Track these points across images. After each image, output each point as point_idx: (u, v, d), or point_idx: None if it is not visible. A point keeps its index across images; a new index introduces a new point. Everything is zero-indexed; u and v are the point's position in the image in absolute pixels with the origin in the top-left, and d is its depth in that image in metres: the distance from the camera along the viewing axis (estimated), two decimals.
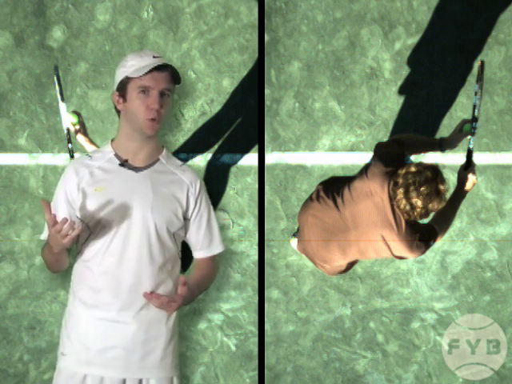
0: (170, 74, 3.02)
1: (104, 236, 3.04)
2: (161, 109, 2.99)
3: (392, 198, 3.58)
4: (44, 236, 3.10)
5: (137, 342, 3.06)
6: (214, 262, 3.25)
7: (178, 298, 3.03)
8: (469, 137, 3.80)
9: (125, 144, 3.08)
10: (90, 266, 3.06)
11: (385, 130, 4.60)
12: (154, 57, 3.02)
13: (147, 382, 3.08)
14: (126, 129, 3.07)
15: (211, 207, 3.24)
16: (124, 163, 3.07)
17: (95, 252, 3.05)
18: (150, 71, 2.98)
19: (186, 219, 3.15)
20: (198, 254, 3.23)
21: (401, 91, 4.59)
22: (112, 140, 3.14)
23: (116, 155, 3.09)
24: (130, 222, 3.04)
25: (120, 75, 3.05)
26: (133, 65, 3.02)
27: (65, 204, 3.05)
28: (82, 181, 3.05)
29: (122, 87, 3.03)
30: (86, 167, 3.07)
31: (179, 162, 3.18)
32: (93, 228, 3.03)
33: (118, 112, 3.09)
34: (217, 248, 3.24)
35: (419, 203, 3.50)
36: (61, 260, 3.05)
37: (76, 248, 3.13)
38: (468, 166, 3.78)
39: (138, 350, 3.06)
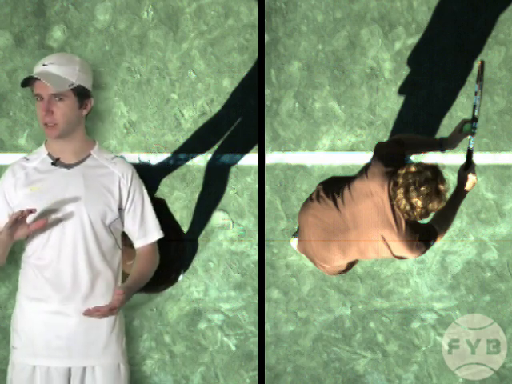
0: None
1: (42, 233, 3.19)
2: (52, 114, 3.15)
3: (392, 198, 3.58)
4: None
5: (79, 332, 3.21)
6: (153, 249, 3.36)
7: (117, 304, 3.13)
8: (469, 137, 3.80)
9: (53, 144, 3.24)
10: (32, 261, 3.25)
11: (385, 130, 4.60)
12: (43, 65, 3.17)
13: (92, 369, 3.24)
14: None
15: (146, 196, 3.35)
16: (56, 162, 3.23)
17: (35, 248, 3.23)
18: (35, 80, 3.13)
19: (120, 210, 3.28)
20: (137, 243, 3.34)
21: (401, 91, 4.59)
22: (46, 141, 3.30)
23: (49, 155, 3.25)
24: (64, 218, 3.19)
25: None
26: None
27: (3, 204, 3.23)
28: (18, 181, 3.22)
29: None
30: (22, 169, 3.24)
31: (111, 156, 3.31)
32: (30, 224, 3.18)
33: None
34: (153, 235, 3.35)
35: (419, 203, 3.50)
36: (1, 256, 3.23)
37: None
38: (468, 166, 3.77)
39: (81, 340, 3.21)
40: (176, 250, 4.40)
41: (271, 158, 4.60)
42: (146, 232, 3.32)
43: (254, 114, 4.58)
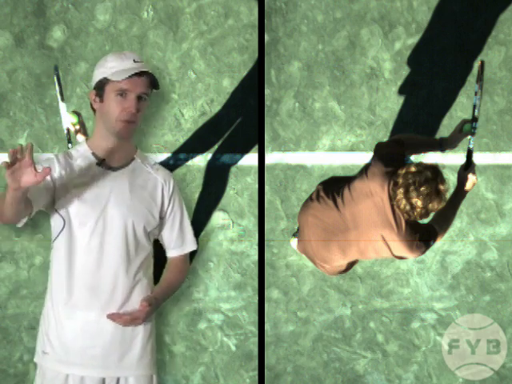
0: (148, 79, 3.03)
1: (81, 234, 3.05)
2: (137, 112, 3.01)
3: (392, 198, 3.58)
4: None
5: (115, 342, 3.09)
6: (186, 260, 3.28)
7: (141, 315, 3.08)
8: (469, 137, 3.80)
9: (101, 144, 3.10)
10: (68, 265, 3.06)
11: (385, 130, 4.60)
12: (134, 61, 3.03)
13: (126, 380, 3.12)
14: (102, 129, 3.08)
15: (183, 205, 3.26)
16: (101, 162, 3.09)
17: (73, 251, 3.06)
18: (131, 76, 2.98)
19: (160, 218, 3.18)
20: (172, 252, 3.25)
21: (401, 91, 4.59)
22: (87, 139, 3.17)
23: (93, 154, 3.10)
24: (107, 221, 3.06)
25: (99, 75, 3.05)
26: (113, 67, 3.02)
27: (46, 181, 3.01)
28: (63, 173, 3.05)
29: (100, 87, 3.04)
30: (67, 164, 3.08)
31: (152, 161, 3.21)
32: (67, 223, 3.04)
33: (94, 110, 3.10)
34: (190, 246, 3.26)
35: (419, 203, 3.50)
36: (17, 207, 2.89)
37: (51, 244, 3.13)
38: (468, 166, 3.78)
39: (116, 350, 3.10)
40: None
41: (271, 157, 4.60)
42: (184, 242, 3.23)
43: (254, 114, 4.58)
